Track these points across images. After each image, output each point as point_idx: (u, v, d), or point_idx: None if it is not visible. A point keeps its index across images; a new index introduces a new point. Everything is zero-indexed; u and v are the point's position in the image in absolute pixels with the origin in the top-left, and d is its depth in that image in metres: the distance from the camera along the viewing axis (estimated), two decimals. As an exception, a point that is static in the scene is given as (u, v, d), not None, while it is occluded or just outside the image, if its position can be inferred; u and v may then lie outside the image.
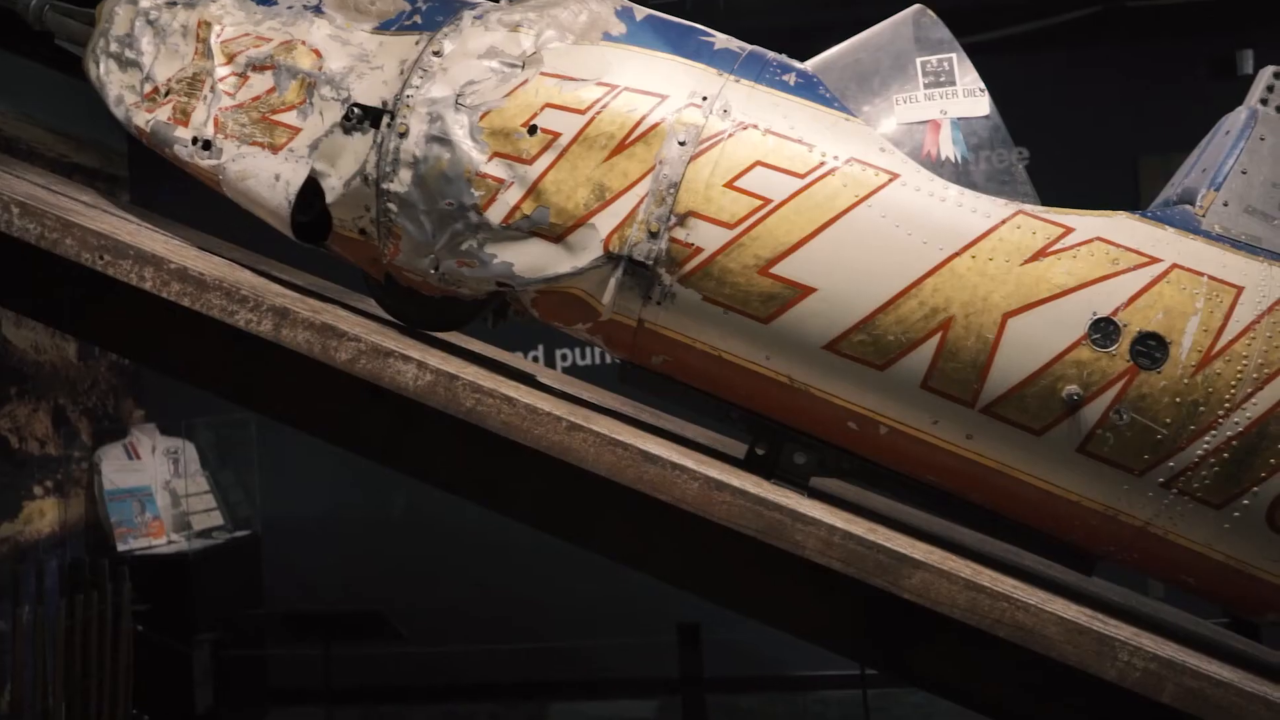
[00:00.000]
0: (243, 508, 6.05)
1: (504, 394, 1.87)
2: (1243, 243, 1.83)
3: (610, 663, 5.58)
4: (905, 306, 1.80)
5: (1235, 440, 1.75)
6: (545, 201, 1.91)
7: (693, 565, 2.01)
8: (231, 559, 5.70)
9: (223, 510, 5.92)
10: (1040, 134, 5.66)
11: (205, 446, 6.04)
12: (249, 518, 6.01)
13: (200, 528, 5.71)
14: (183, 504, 5.67)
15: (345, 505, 5.95)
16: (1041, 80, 5.55)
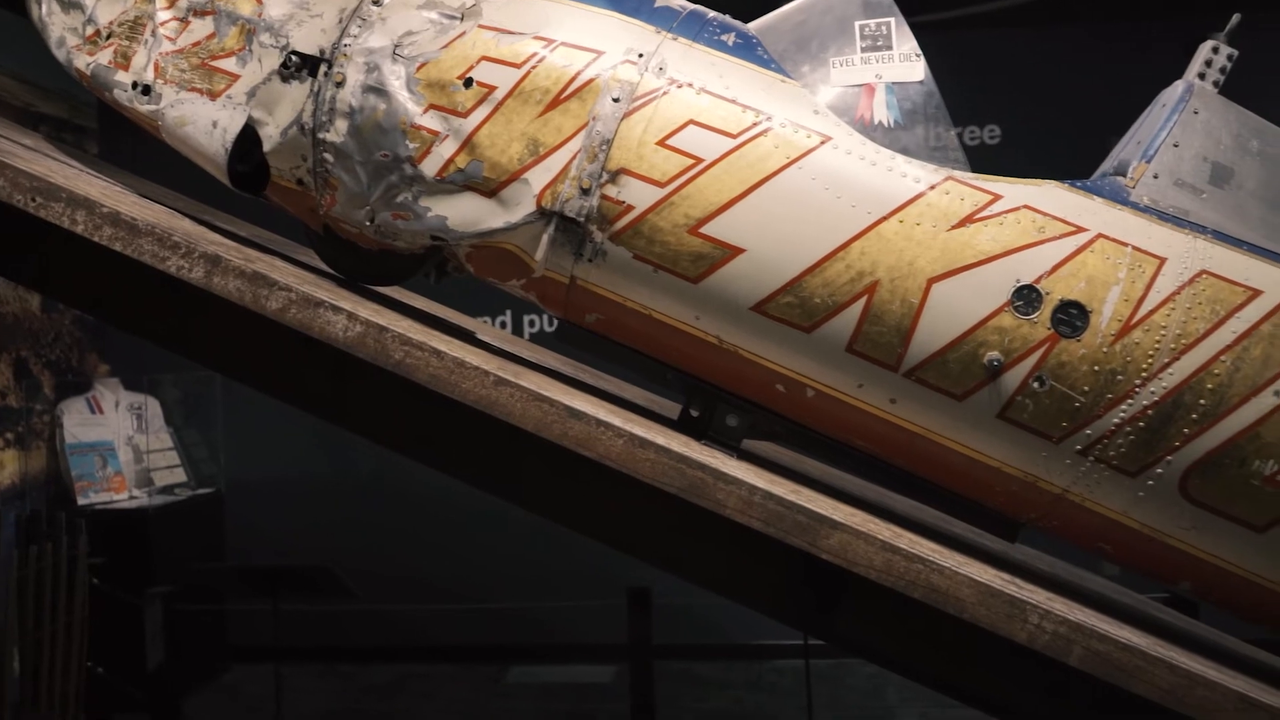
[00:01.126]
0: (207, 465, 6.04)
1: (433, 347, 1.87)
2: (1170, 215, 1.84)
3: (572, 627, 5.61)
4: (832, 269, 1.81)
5: (1151, 409, 1.77)
6: (479, 155, 1.90)
7: (626, 526, 2.03)
8: (193, 516, 5.70)
9: (186, 467, 5.90)
10: (1012, 112, 5.67)
11: (170, 403, 6.01)
12: (213, 475, 6.00)
13: (163, 484, 5.69)
14: (145, 460, 5.65)
15: (310, 465, 5.95)
16: (1014, 58, 5.55)
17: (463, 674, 5.65)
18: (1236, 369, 1.75)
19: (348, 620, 5.65)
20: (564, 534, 2.21)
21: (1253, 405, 1.74)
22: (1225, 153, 1.88)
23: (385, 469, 5.70)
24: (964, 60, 5.67)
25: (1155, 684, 1.74)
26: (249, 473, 5.98)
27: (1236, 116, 1.92)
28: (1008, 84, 5.58)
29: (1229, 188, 1.87)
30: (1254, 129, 1.91)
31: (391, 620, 5.68)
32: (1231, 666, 2.02)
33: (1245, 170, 1.88)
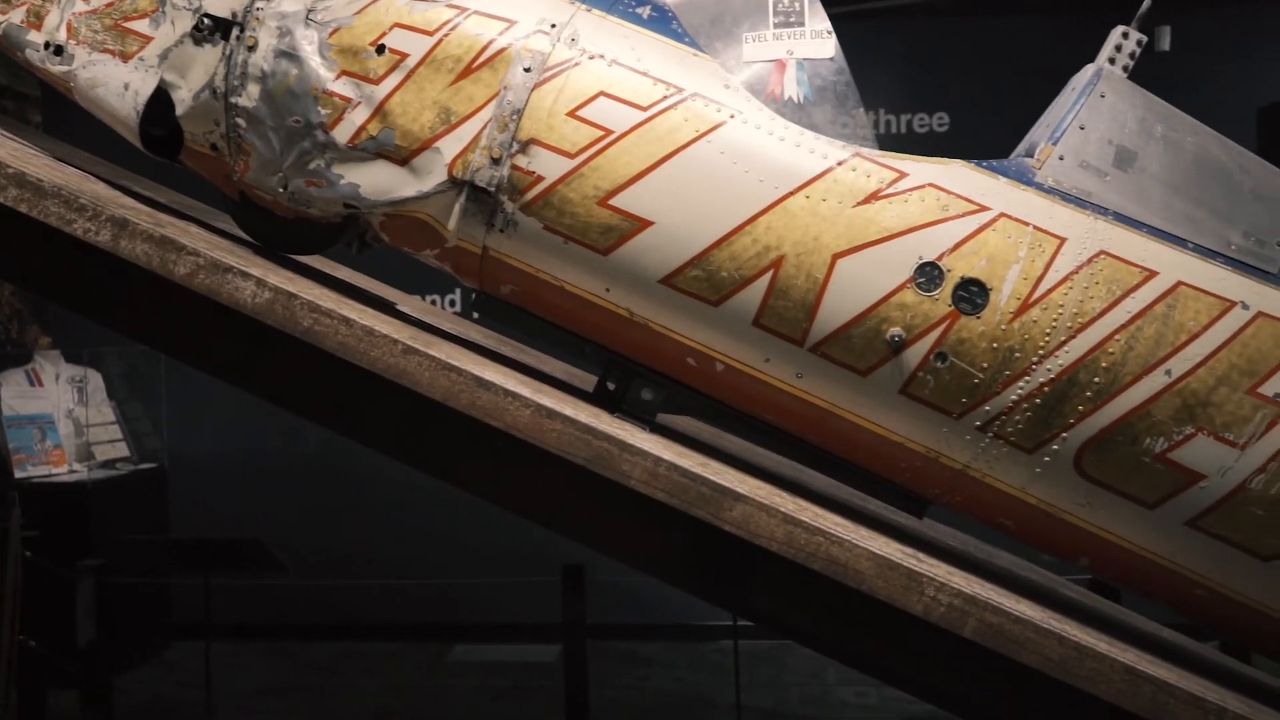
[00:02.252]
0: (150, 440, 5.99)
1: (342, 315, 1.86)
2: (1073, 196, 1.87)
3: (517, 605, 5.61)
4: (739, 243, 1.82)
5: (1047, 386, 1.80)
6: (391, 123, 1.89)
7: (543, 498, 2.04)
8: (135, 491, 5.65)
9: (129, 442, 5.84)
10: (958, 101, 5.72)
11: (114, 377, 5.94)
12: (156, 450, 5.95)
13: (104, 458, 5.63)
14: (86, 434, 5.58)
15: (256, 441, 5.91)
16: (963, 45, 5.59)
17: (406, 651, 5.66)
18: (1130, 348, 1.78)
19: (292, 597, 5.63)
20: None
21: (1145, 384, 1.78)
22: (1130, 136, 1.91)
23: (331, 446, 5.67)
24: (913, 47, 5.72)
25: (1046, 655, 1.78)
26: (193, 448, 5.94)
27: (1143, 101, 1.95)
28: (956, 71, 5.63)
29: (1132, 171, 1.90)
30: (1159, 114, 1.94)
31: (335, 597, 5.67)
32: (1137, 645, 2.06)
33: (1149, 154, 1.91)
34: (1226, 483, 1.78)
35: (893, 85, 5.65)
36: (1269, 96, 5.52)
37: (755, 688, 5.16)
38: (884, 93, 5.68)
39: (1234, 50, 5.50)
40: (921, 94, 5.66)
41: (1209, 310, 1.80)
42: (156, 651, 5.60)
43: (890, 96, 5.68)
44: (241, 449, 5.93)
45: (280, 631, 5.86)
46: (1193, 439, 1.77)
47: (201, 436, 5.94)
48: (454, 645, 5.79)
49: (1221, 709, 1.76)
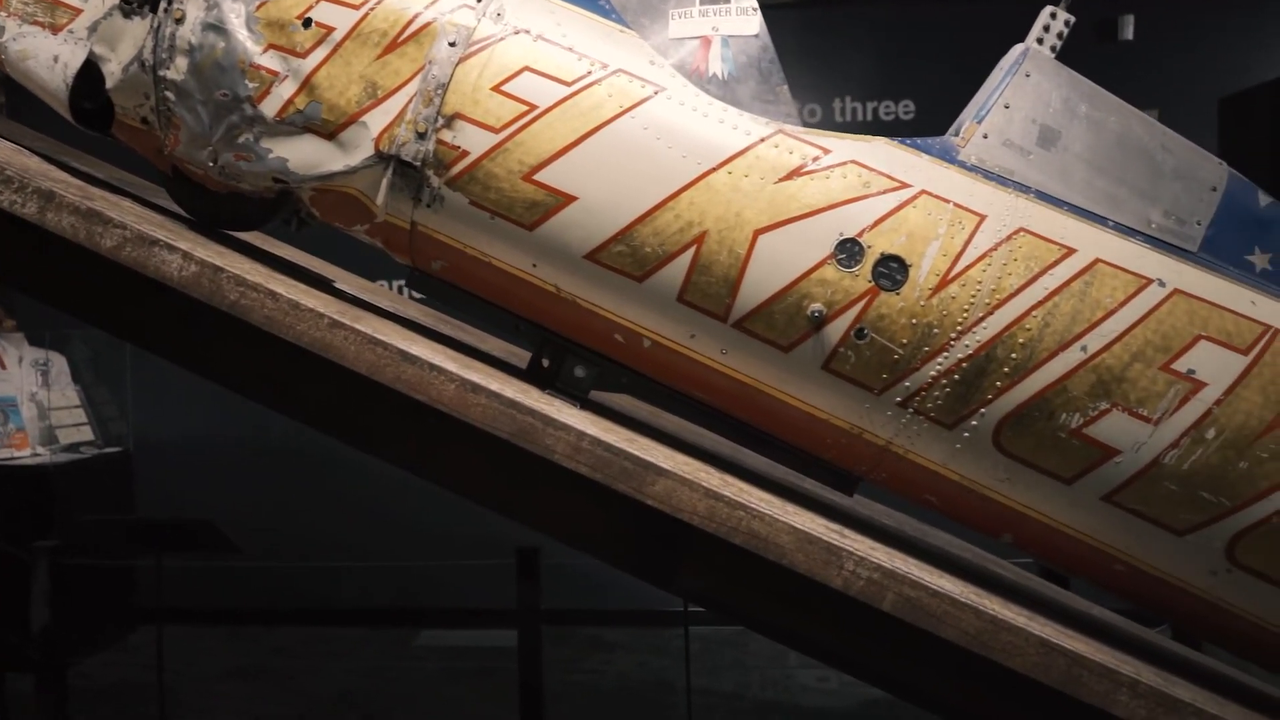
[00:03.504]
0: (116, 424, 5.96)
1: (269, 289, 1.86)
2: (995, 174, 1.89)
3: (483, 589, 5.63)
4: (662, 219, 1.83)
5: (965, 362, 1.82)
6: (318, 97, 1.90)
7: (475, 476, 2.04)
8: (98, 475, 5.62)
9: (94, 425, 5.81)
10: (922, 89, 5.73)
11: (80, 360, 5.91)
12: (122, 435, 5.92)
13: (67, 442, 5.61)
14: (49, 417, 5.56)
15: (222, 426, 5.89)
16: (928, 35, 5.60)
17: (371, 636, 5.66)
18: (1046, 324, 1.80)
19: (257, 582, 5.63)
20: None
21: (1061, 360, 1.79)
22: (1054, 116, 1.93)
23: (298, 431, 5.65)
24: (880, 35, 5.73)
25: (962, 629, 1.80)
26: (159, 432, 5.91)
27: (1068, 81, 1.96)
28: (923, 59, 5.64)
29: (1055, 150, 1.92)
30: (1084, 93, 1.96)
31: (301, 582, 5.66)
32: (1073, 626, 2.08)
33: (1072, 133, 1.92)
34: (1141, 458, 1.80)
35: (859, 73, 5.66)
36: (1231, 87, 5.56)
37: (718, 672, 5.20)
38: (850, 80, 5.69)
39: (1197, 40, 5.53)
40: (888, 82, 5.67)
41: (1125, 287, 1.82)
42: (120, 635, 5.59)
43: (856, 84, 5.69)
44: (208, 433, 5.91)
45: (244, 616, 5.85)
46: (1107, 414, 1.79)
47: (167, 420, 5.91)
48: (419, 630, 5.79)
49: (1134, 681, 1.78)
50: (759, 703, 4.81)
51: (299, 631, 5.74)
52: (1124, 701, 1.78)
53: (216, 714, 4.72)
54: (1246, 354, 1.80)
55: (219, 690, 4.96)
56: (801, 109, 5.71)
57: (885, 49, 5.68)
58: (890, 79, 5.68)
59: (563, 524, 2.08)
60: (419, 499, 5.40)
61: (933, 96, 5.71)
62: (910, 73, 5.69)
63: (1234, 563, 1.83)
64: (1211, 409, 1.78)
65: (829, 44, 5.69)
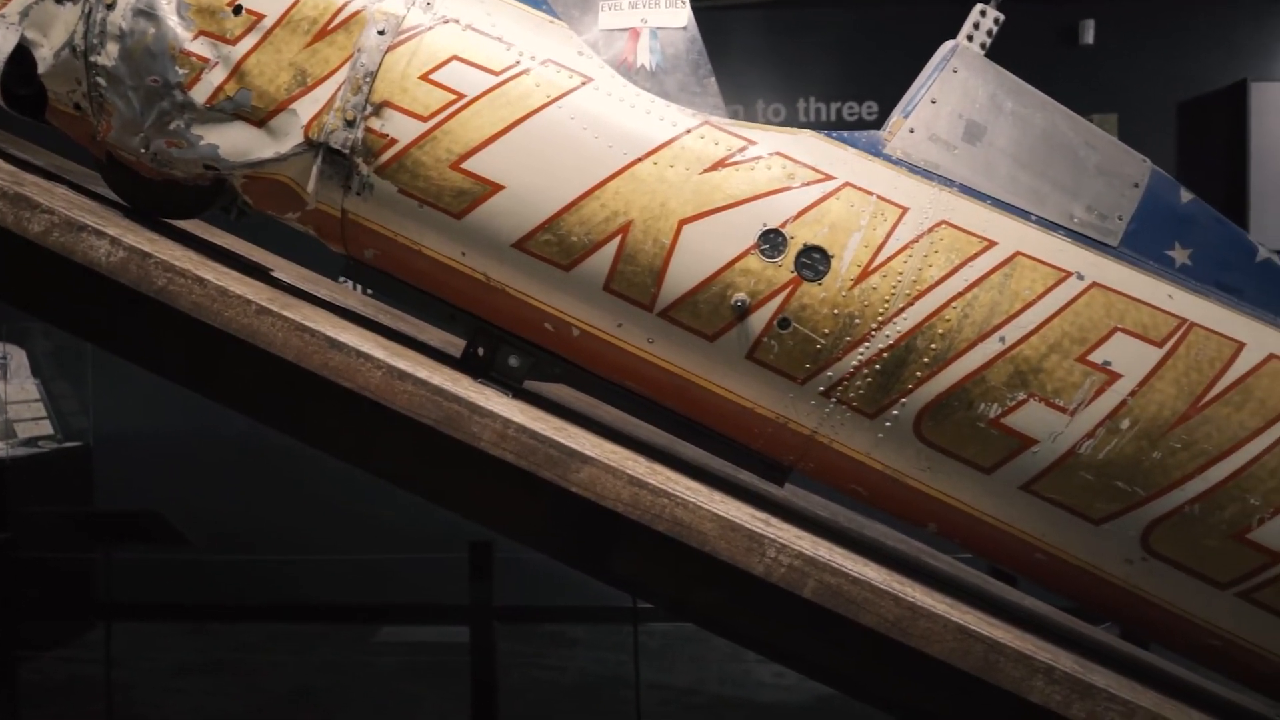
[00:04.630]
0: (76, 419, 5.92)
1: (196, 275, 1.87)
2: (920, 168, 1.91)
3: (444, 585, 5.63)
4: (588, 208, 1.84)
5: (886, 352, 1.84)
6: (248, 84, 1.90)
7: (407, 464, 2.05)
8: (57, 469, 5.59)
9: (53, 420, 5.78)
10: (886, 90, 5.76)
11: (40, 354, 5.87)
12: (82, 429, 5.89)
13: (26, 436, 5.57)
14: (7, 411, 5.52)
15: (182, 421, 5.86)
16: (889, 38, 5.64)
17: (330, 631, 5.65)
18: (966, 315, 1.82)
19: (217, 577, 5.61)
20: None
21: (979, 350, 1.82)
22: (980, 111, 1.95)
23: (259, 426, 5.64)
24: (843, 35, 5.76)
25: (882, 615, 1.82)
26: (120, 426, 5.88)
27: (995, 77, 1.98)
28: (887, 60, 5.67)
29: (981, 145, 1.94)
30: (1010, 89, 1.98)
31: (263, 577, 5.64)
32: (1000, 616, 2.11)
33: (998, 129, 1.95)
34: (1058, 448, 1.83)
35: (822, 73, 5.70)
36: (1189, 92, 5.63)
37: (678, 668, 5.22)
38: (813, 81, 5.72)
39: (1156, 45, 5.60)
40: (851, 82, 5.70)
41: (1045, 280, 1.84)
42: (77, 631, 5.55)
43: (820, 84, 5.72)
44: (170, 428, 5.88)
45: (204, 612, 5.83)
46: (1025, 405, 1.82)
47: (129, 415, 5.88)
48: (379, 626, 5.79)
49: (1050, 667, 1.81)
50: (715, 698, 4.83)
51: (259, 628, 5.72)
52: (1039, 687, 1.81)
53: (172, 710, 4.70)
54: (1161, 346, 1.83)
55: (175, 686, 4.94)
56: (765, 109, 5.74)
57: (849, 50, 5.72)
58: (854, 80, 5.72)
59: (497, 513, 2.09)
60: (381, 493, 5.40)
61: (896, 97, 5.71)
62: (874, 73, 5.73)
63: (1149, 551, 1.86)
64: (1126, 400, 1.81)
65: (793, 44, 5.72)
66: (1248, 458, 1.80)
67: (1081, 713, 1.80)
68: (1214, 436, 1.81)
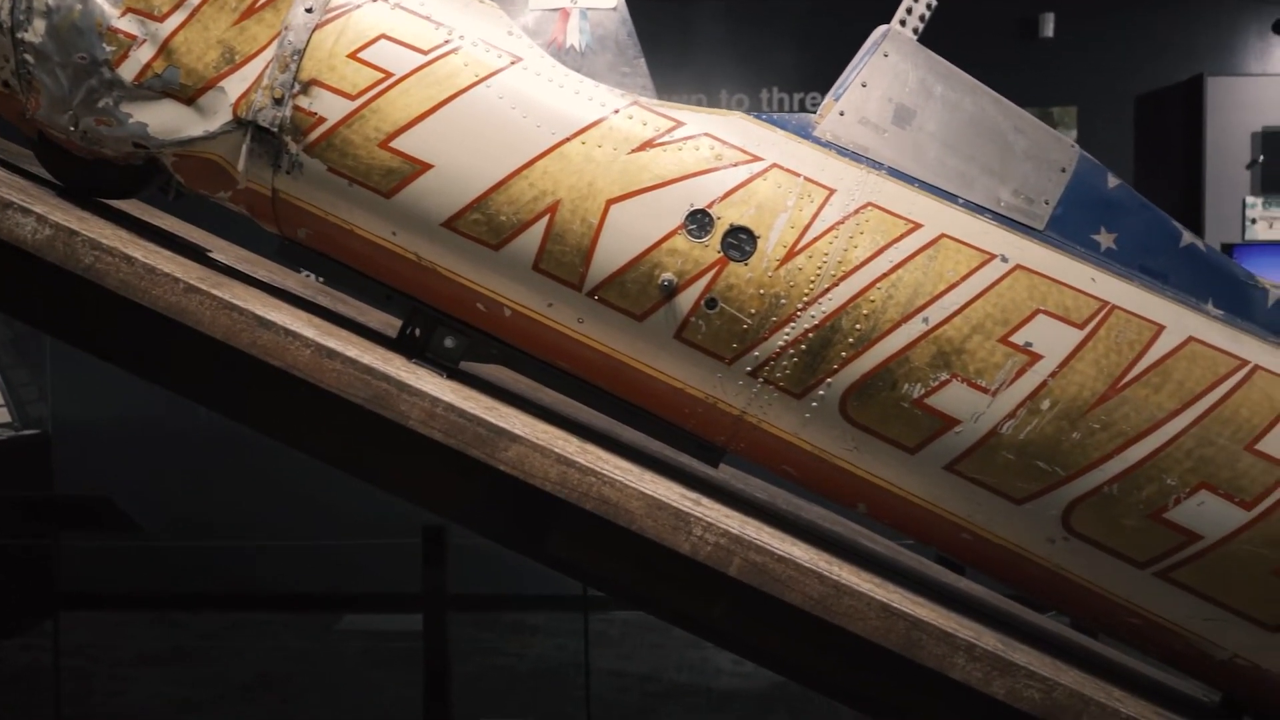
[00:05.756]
0: (35, 406, 5.88)
1: (124, 253, 1.86)
2: (849, 151, 1.92)
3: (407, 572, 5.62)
4: (516, 188, 1.85)
5: (811, 333, 1.85)
6: (176, 61, 1.89)
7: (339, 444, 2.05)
8: (15, 457, 5.54)
9: (11, 408, 5.73)
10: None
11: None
12: (41, 417, 5.84)
13: (-19, 423, 5.53)
14: (-37, 398, 5.48)
15: (142, 408, 5.82)
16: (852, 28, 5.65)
17: (294, 620, 5.63)
18: (890, 296, 1.84)
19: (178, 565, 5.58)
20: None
21: (903, 331, 1.84)
22: (910, 95, 1.97)
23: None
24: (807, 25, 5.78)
25: (806, 593, 1.84)
26: (79, 414, 5.83)
27: (925, 61, 2.00)
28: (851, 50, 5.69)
29: (910, 128, 1.96)
30: (940, 74, 2.00)
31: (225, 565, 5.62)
32: (933, 599, 2.13)
33: (927, 113, 1.97)
34: (980, 428, 1.85)
35: (786, 63, 5.72)
36: (1148, 85, 5.69)
37: (638, 655, 5.24)
38: (777, 71, 5.74)
39: (1116, 38, 5.65)
40: (814, 73, 5.72)
41: (969, 261, 1.86)
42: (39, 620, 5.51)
43: (783, 75, 5.75)
44: (129, 415, 5.84)
45: (167, 601, 5.80)
46: (948, 385, 1.84)
47: (87, 402, 5.84)
48: (344, 613, 5.78)
49: (971, 645, 1.83)
50: (672, 684, 4.86)
51: (221, 616, 5.70)
52: (961, 664, 1.83)
53: (129, 698, 4.68)
54: (1082, 328, 1.85)
55: (134, 675, 4.92)
56: (729, 99, 5.76)
57: (812, 40, 5.74)
58: (817, 70, 5.74)
59: (433, 494, 2.10)
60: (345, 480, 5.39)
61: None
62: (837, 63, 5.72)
63: (1070, 531, 1.88)
64: (1047, 381, 1.83)
65: (756, 35, 5.74)
66: (1165, 439, 1.83)
67: (1001, 689, 1.83)
68: (1132, 417, 1.83)
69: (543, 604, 5.79)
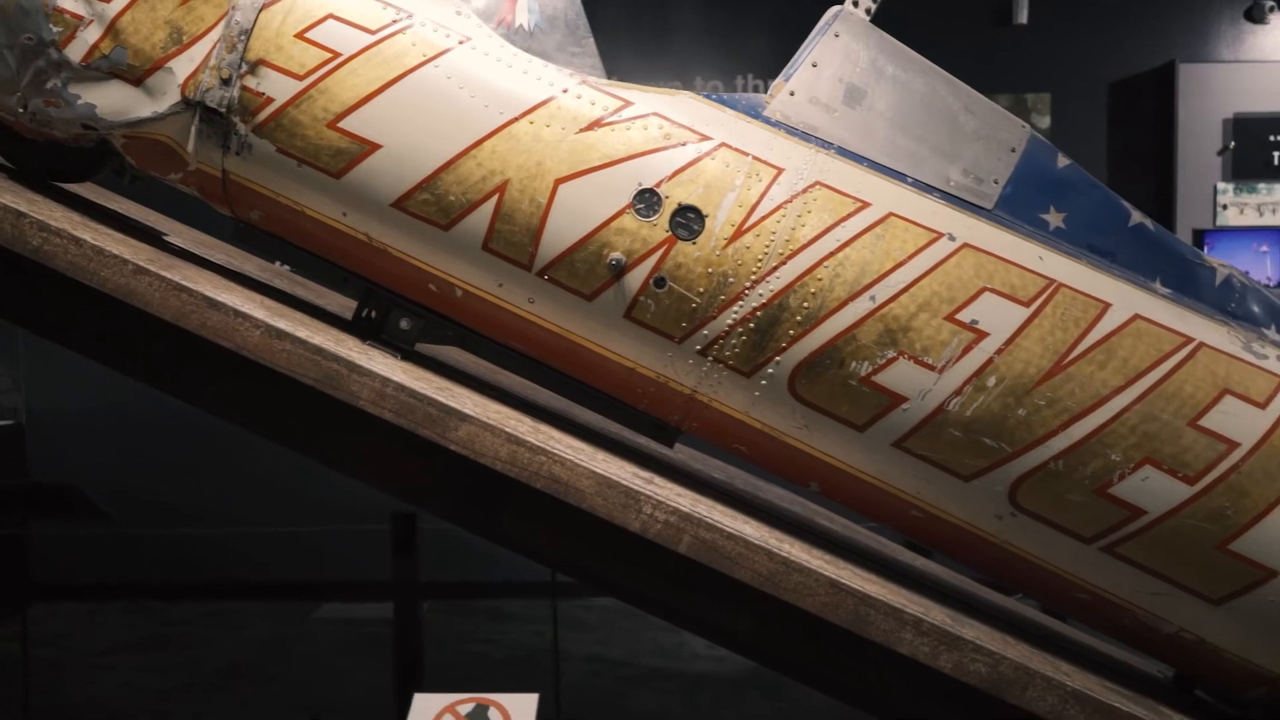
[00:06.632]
0: (9, 397, 5.84)
1: (72, 235, 1.85)
2: (798, 130, 1.93)
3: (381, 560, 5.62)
4: (464, 167, 1.85)
5: (760, 311, 1.86)
6: (123, 42, 1.89)
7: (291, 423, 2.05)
8: (-11, 447, 5.52)
9: (-16, 398, 5.70)
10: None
11: (-29, 332, 5.79)
12: (14, 408, 5.81)
13: (-44, 414, 5.50)
14: (-65, 388, 5.44)
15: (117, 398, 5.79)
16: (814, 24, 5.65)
17: (269, 609, 5.62)
18: (837, 274, 1.85)
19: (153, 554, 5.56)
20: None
21: (850, 309, 1.85)
22: (861, 75, 1.98)
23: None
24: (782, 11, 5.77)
25: (755, 570, 1.85)
26: (53, 404, 5.80)
27: (876, 41, 2.01)
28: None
29: (860, 108, 1.97)
30: (891, 54, 2.00)
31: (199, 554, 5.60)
32: (894, 580, 2.15)
33: (878, 93, 1.97)
34: (927, 405, 1.86)
35: (761, 50, 5.71)
36: (1122, 72, 5.70)
37: (613, 640, 5.25)
38: (752, 58, 5.74)
39: (1089, 25, 5.66)
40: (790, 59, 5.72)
41: (916, 240, 1.87)
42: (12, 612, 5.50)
43: (758, 62, 5.74)
44: (104, 405, 5.80)
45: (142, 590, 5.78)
46: (895, 362, 1.85)
47: (62, 392, 5.80)
48: (320, 602, 5.77)
49: (919, 619, 1.85)
50: (646, 669, 4.87)
51: (197, 606, 5.69)
52: (908, 639, 1.85)
53: (101, 687, 4.67)
54: (1028, 306, 1.86)
55: (105, 664, 4.90)
56: (704, 86, 5.75)
57: (787, 26, 5.72)
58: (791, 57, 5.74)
59: (391, 476, 2.10)
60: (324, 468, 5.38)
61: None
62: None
63: (1017, 507, 1.90)
64: (992, 358, 1.84)
65: (732, 21, 5.73)
66: (1110, 415, 1.85)
67: (948, 664, 1.85)
68: (1077, 394, 1.85)
69: (519, 591, 5.80)
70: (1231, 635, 1.93)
